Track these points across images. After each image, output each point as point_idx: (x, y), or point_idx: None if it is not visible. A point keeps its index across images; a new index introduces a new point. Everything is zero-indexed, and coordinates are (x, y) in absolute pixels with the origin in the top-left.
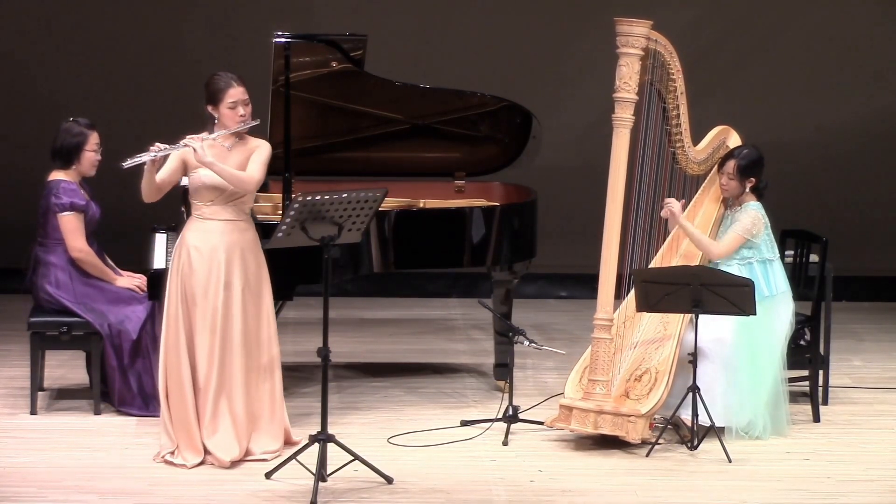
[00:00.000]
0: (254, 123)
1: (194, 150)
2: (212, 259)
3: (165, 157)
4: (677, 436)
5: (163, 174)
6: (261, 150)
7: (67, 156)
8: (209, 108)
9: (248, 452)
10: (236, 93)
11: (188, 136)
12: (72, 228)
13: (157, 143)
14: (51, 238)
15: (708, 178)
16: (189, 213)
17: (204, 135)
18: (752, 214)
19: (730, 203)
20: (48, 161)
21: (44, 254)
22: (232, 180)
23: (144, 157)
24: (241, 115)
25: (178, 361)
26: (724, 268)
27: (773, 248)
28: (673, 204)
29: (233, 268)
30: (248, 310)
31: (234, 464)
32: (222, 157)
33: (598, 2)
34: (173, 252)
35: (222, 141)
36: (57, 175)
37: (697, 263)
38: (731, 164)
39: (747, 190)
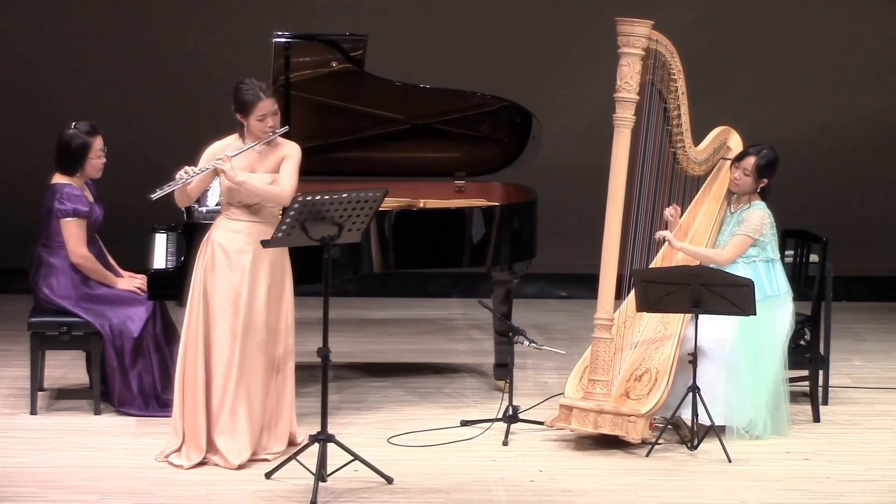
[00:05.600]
0: (282, 131)
1: (224, 171)
2: (237, 259)
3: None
4: (677, 436)
5: (195, 183)
6: (290, 157)
7: (71, 164)
8: (238, 116)
9: (252, 454)
10: (265, 106)
11: (216, 159)
12: (74, 234)
13: (186, 168)
14: (53, 241)
15: (709, 178)
16: (189, 214)
17: (231, 146)
18: (760, 214)
19: (732, 200)
20: (50, 162)
21: (46, 255)
22: (265, 196)
23: (173, 186)
24: (270, 126)
25: (195, 358)
26: (728, 267)
27: (776, 249)
28: (665, 233)
29: (258, 268)
30: (271, 306)
31: (240, 466)
32: (253, 161)
33: (598, 2)
34: (199, 249)
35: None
36: (61, 178)
37: (699, 263)
38: (750, 161)
39: (757, 190)
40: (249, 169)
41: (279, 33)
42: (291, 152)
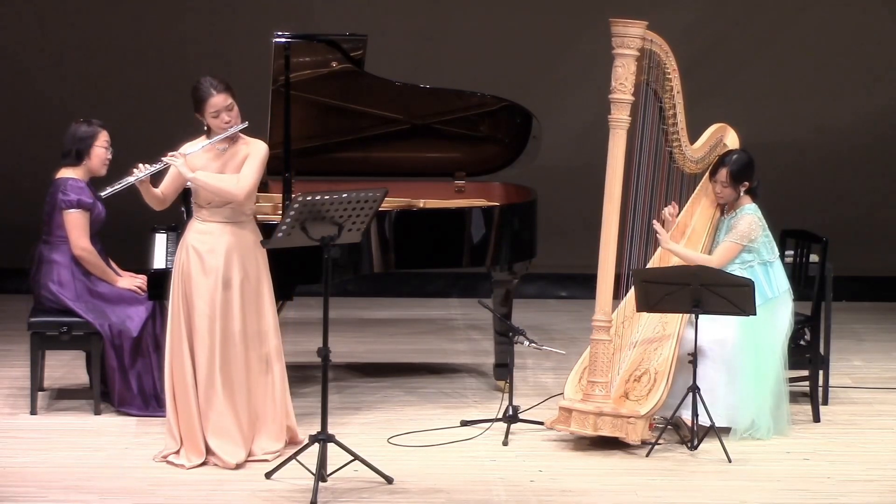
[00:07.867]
0: (241, 127)
1: (177, 167)
2: (211, 260)
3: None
4: (677, 436)
5: (164, 185)
6: (254, 154)
7: (77, 153)
8: (197, 115)
9: (250, 453)
10: (216, 102)
11: (168, 154)
12: (77, 226)
13: (139, 165)
14: (55, 236)
15: (705, 175)
16: (189, 214)
17: (189, 145)
18: (748, 220)
19: (725, 208)
20: (49, 160)
21: (48, 252)
22: (217, 192)
23: (124, 183)
24: (226, 122)
25: (182, 362)
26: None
27: (772, 250)
28: (662, 233)
29: (231, 267)
30: (248, 305)
31: (238, 466)
32: (218, 160)
33: (597, 2)
34: (176, 253)
35: (217, 144)
36: (66, 172)
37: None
38: (723, 173)
39: (742, 194)
40: (219, 170)
41: (279, 33)
42: (255, 151)
